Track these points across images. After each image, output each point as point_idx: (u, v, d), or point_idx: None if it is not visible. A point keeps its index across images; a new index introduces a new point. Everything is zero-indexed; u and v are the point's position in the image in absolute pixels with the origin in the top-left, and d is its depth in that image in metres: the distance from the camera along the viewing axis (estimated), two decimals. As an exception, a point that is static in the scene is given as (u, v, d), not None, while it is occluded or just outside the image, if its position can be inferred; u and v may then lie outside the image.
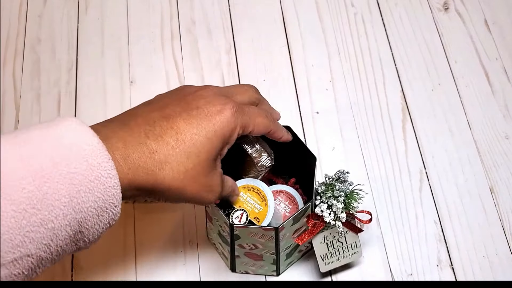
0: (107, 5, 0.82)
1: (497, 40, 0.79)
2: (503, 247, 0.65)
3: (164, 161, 0.42)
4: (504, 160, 0.70)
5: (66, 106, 0.74)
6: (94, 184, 0.37)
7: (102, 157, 0.38)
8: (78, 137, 0.38)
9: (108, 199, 0.38)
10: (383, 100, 0.75)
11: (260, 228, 0.53)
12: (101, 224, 0.39)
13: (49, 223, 0.35)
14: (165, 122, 0.43)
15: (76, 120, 0.39)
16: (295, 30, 0.80)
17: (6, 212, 0.33)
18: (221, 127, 0.44)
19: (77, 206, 0.36)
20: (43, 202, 0.35)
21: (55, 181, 0.35)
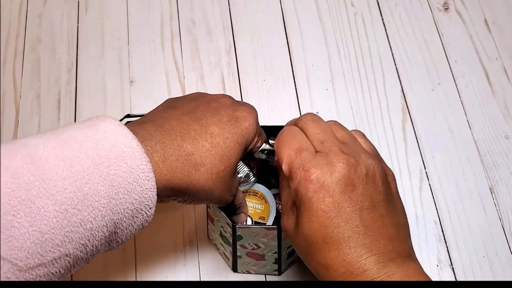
0: (107, 5, 0.82)
1: (497, 40, 0.79)
2: (503, 247, 0.65)
3: (200, 163, 0.43)
4: (504, 160, 0.70)
5: (66, 106, 0.74)
6: (132, 186, 0.38)
7: (141, 159, 0.38)
8: (117, 139, 0.38)
9: (144, 201, 0.39)
10: (383, 100, 0.75)
11: (263, 228, 0.53)
12: (135, 226, 0.40)
13: (88, 224, 0.36)
14: (198, 126, 0.44)
15: (115, 121, 0.39)
16: (295, 30, 0.80)
17: (49, 212, 0.34)
18: (247, 133, 0.46)
19: (115, 208, 0.37)
20: (84, 202, 0.35)
21: (96, 182, 0.36)
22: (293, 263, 0.63)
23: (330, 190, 0.42)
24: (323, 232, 0.42)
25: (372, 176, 0.44)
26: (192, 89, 0.75)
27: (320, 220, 0.42)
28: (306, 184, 0.43)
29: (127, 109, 0.74)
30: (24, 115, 0.74)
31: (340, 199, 0.42)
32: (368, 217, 0.42)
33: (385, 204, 0.44)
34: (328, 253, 0.42)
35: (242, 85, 0.76)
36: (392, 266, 0.41)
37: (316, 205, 0.42)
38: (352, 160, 0.43)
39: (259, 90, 0.76)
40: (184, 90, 0.75)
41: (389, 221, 0.43)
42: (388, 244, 0.42)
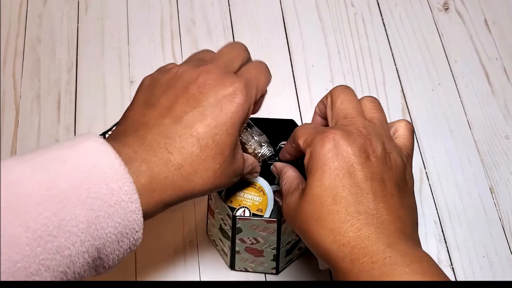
0: (107, 5, 0.82)
1: (497, 40, 0.79)
2: (503, 247, 0.65)
3: (192, 173, 0.40)
4: (504, 160, 0.70)
5: (66, 106, 0.74)
6: (114, 209, 0.35)
7: (123, 180, 0.36)
8: (99, 159, 0.36)
9: (129, 224, 0.36)
10: (383, 100, 0.75)
11: (263, 220, 0.53)
12: (122, 250, 0.37)
13: (65, 250, 0.34)
14: (182, 130, 0.40)
15: (98, 140, 0.37)
16: (295, 30, 0.80)
17: (21, 240, 0.32)
18: (237, 115, 0.42)
19: (95, 232, 0.35)
20: (60, 228, 0.33)
21: (73, 206, 0.34)
22: (290, 262, 0.63)
23: (345, 151, 0.42)
24: (334, 191, 0.41)
25: (388, 158, 0.43)
26: (192, 89, 0.75)
27: (331, 177, 0.41)
28: (323, 142, 0.42)
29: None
30: (24, 115, 0.74)
31: (353, 162, 0.41)
32: (378, 189, 0.41)
33: (396, 187, 0.43)
34: (336, 215, 0.40)
35: (242, 85, 0.76)
36: (403, 245, 0.39)
37: (330, 162, 0.41)
38: (369, 136, 0.43)
39: (259, 90, 0.76)
40: (184, 90, 0.75)
41: (399, 203, 0.42)
42: (396, 223, 0.41)
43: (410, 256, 0.38)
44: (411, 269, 0.37)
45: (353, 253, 0.39)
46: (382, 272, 0.38)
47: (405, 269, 0.37)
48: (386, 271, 0.38)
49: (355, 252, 0.39)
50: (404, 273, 0.37)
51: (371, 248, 0.39)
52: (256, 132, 0.54)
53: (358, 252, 0.39)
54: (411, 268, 0.37)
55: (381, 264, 0.38)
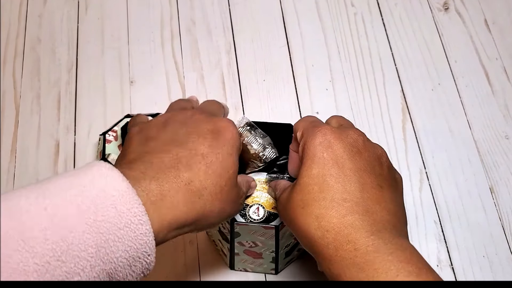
0: (107, 5, 0.82)
1: (497, 40, 0.79)
2: (503, 247, 0.65)
3: (201, 188, 0.41)
4: (504, 160, 0.70)
5: (66, 106, 0.74)
6: (123, 231, 0.35)
7: (132, 202, 0.35)
8: (106, 183, 0.35)
9: (140, 247, 0.36)
10: (383, 100, 0.75)
11: (261, 226, 0.53)
12: (134, 275, 0.37)
13: (75, 276, 0.33)
14: (187, 152, 0.42)
15: (105, 165, 0.37)
16: (295, 30, 0.80)
17: (28, 266, 0.31)
18: (233, 141, 0.45)
19: (105, 257, 0.34)
20: (68, 253, 0.33)
21: (81, 230, 0.33)
22: (290, 262, 0.63)
23: (335, 144, 0.43)
24: (321, 180, 0.42)
25: (379, 156, 0.45)
26: (192, 89, 0.75)
27: (319, 167, 0.42)
28: (315, 135, 0.44)
29: (127, 109, 0.74)
30: (24, 115, 0.74)
31: (343, 154, 0.43)
32: (367, 180, 0.42)
33: (386, 181, 0.43)
34: (322, 202, 0.41)
35: (242, 85, 0.76)
36: (387, 234, 0.39)
37: (319, 153, 0.43)
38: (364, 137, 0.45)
39: (259, 90, 0.76)
40: (184, 90, 0.75)
41: (388, 196, 0.43)
42: (384, 214, 0.41)
43: (393, 244, 0.39)
44: (394, 257, 0.38)
45: (336, 240, 0.39)
46: (365, 260, 0.38)
47: (388, 257, 0.38)
48: (369, 258, 0.38)
49: (339, 238, 0.39)
50: (387, 261, 0.37)
51: (354, 235, 0.39)
52: (259, 134, 0.54)
53: (341, 239, 0.39)
54: (393, 256, 0.38)
55: (363, 251, 0.38)
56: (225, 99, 0.75)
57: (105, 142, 0.67)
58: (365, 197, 0.41)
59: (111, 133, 0.68)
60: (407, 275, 0.37)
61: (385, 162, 0.45)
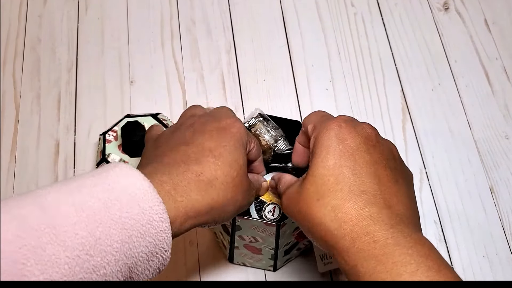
0: (107, 5, 0.82)
1: (497, 40, 0.79)
2: (503, 247, 0.65)
3: (213, 178, 0.42)
4: (504, 160, 0.70)
5: (66, 106, 0.74)
6: (145, 228, 0.36)
7: (154, 200, 0.37)
8: (129, 181, 0.37)
9: (159, 243, 0.37)
10: (383, 100, 0.75)
11: (262, 222, 0.53)
12: (151, 270, 0.38)
13: (101, 269, 0.34)
14: (195, 148, 0.43)
15: (126, 166, 0.39)
16: (295, 30, 0.80)
17: (60, 259, 0.33)
18: (239, 136, 0.45)
19: (128, 252, 0.36)
20: (96, 248, 0.34)
21: (108, 226, 0.35)
22: (289, 261, 0.63)
23: (351, 137, 0.43)
24: (337, 171, 0.41)
25: (392, 150, 0.45)
26: (192, 89, 0.75)
27: (335, 158, 0.42)
28: (330, 127, 0.43)
29: (127, 109, 0.74)
30: (24, 115, 0.74)
31: (359, 146, 0.42)
32: (383, 173, 0.42)
33: (401, 175, 0.43)
34: (339, 193, 0.40)
35: (242, 85, 0.76)
36: (405, 228, 0.39)
37: (335, 144, 0.42)
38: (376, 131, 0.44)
39: (259, 90, 0.76)
40: (184, 90, 0.75)
41: (403, 190, 0.42)
42: (400, 207, 0.41)
43: (413, 238, 0.38)
44: (414, 251, 0.37)
45: (354, 231, 0.39)
46: (384, 252, 0.37)
47: (408, 250, 0.37)
48: (388, 251, 0.37)
49: (357, 230, 0.39)
50: (407, 255, 0.37)
51: (373, 227, 0.38)
52: (272, 126, 0.54)
53: (359, 230, 0.39)
54: (413, 250, 0.37)
55: (383, 243, 0.38)
56: (225, 99, 0.75)
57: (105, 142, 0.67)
58: (382, 190, 0.41)
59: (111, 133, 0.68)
60: (426, 269, 0.36)
61: (397, 157, 0.45)
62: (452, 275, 0.37)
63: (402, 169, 0.45)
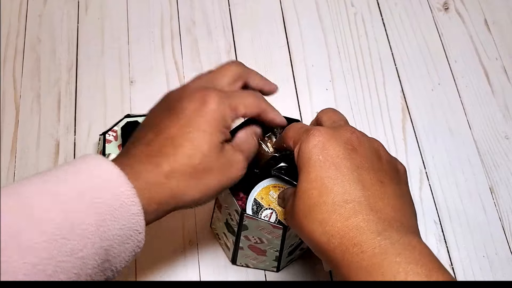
0: (107, 5, 0.82)
1: (497, 40, 0.79)
2: (503, 247, 0.65)
3: (171, 171, 0.42)
4: (504, 160, 0.70)
5: (66, 106, 0.74)
6: (118, 212, 0.38)
7: (125, 186, 0.38)
8: (99, 170, 0.39)
9: (132, 226, 0.39)
10: (383, 100, 0.75)
11: (269, 224, 0.53)
12: (127, 252, 0.40)
13: (78, 252, 0.36)
14: (160, 136, 0.43)
15: (96, 155, 0.40)
16: (295, 30, 0.80)
17: (38, 244, 0.34)
18: (210, 116, 0.44)
19: (103, 235, 0.37)
20: (72, 232, 0.36)
21: (81, 211, 0.36)
22: (291, 261, 0.63)
23: (330, 145, 0.42)
24: (319, 183, 0.41)
25: (376, 150, 0.44)
26: (192, 89, 0.75)
27: (316, 170, 0.41)
28: (308, 139, 0.43)
29: (127, 109, 0.74)
30: (24, 115, 0.74)
31: (338, 153, 0.42)
32: (366, 177, 0.41)
33: (386, 175, 0.42)
34: (324, 206, 0.40)
35: (242, 85, 0.76)
36: (393, 233, 0.38)
37: (314, 156, 0.42)
38: (355, 132, 0.44)
39: (259, 90, 0.76)
40: (184, 90, 0.75)
41: (390, 190, 0.42)
42: (388, 211, 0.40)
43: (401, 244, 0.37)
44: (402, 259, 0.36)
45: (342, 244, 0.39)
46: (372, 263, 0.37)
47: (395, 258, 0.36)
48: (376, 261, 0.37)
49: (344, 242, 0.39)
50: (395, 263, 0.36)
51: (360, 237, 0.38)
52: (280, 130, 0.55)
53: (347, 242, 0.38)
54: (402, 257, 0.36)
55: (370, 254, 0.37)
56: (225, 99, 0.75)
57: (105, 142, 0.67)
58: (367, 195, 0.40)
59: (111, 133, 0.68)
60: (415, 277, 0.36)
61: (383, 155, 0.44)
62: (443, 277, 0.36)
63: (389, 167, 0.44)
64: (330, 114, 0.48)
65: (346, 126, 0.45)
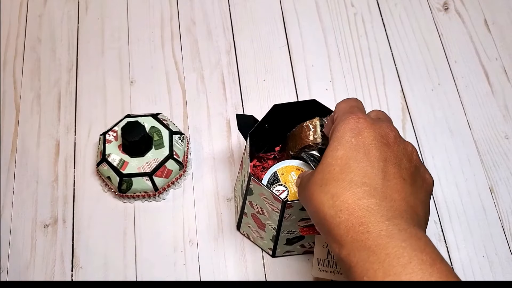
0: (107, 5, 0.82)
1: (497, 40, 0.79)
2: (503, 247, 0.65)
3: None
4: (504, 160, 0.70)
5: (66, 106, 0.74)
6: None
7: None
8: None
9: None
10: (383, 100, 0.75)
11: (271, 194, 0.53)
12: None
13: None
14: None
15: None
16: (295, 30, 0.80)
17: None
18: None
19: None
20: None
21: None
22: (290, 253, 0.63)
23: (366, 133, 0.43)
24: (344, 162, 0.42)
25: (409, 153, 0.44)
26: (192, 89, 0.75)
27: (345, 149, 0.42)
28: (348, 120, 0.44)
29: (127, 109, 0.74)
30: (24, 115, 0.74)
31: (371, 142, 0.42)
32: (391, 170, 0.42)
33: (411, 176, 0.43)
34: (340, 182, 0.41)
35: (242, 85, 0.76)
36: (402, 222, 0.39)
37: (347, 137, 0.43)
38: (397, 133, 0.45)
39: (259, 90, 0.76)
40: (184, 90, 0.75)
41: (410, 189, 0.42)
42: (402, 204, 0.41)
43: (408, 232, 0.38)
44: (408, 245, 0.37)
45: (349, 221, 0.39)
46: (377, 243, 0.37)
47: (401, 243, 0.37)
48: (381, 242, 0.37)
49: (352, 219, 0.39)
50: (400, 247, 0.37)
51: (368, 218, 0.39)
52: None
53: (354, 220, 0.39)
54: (407, 243, 0.37)
55: (376, 235, 0.38)
56: (225, 99, 0.75)
57: (105, 142, 0.67)
58: (385, 185, 0.41)
59: (111, 133, 0.68)
60: (420, 263, 0.36)
61: (414, 160, 0.45)
62: (446, 268, 0.37)
63: (416, 171, 0.44)
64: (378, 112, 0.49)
65: (388, 124, 0.45)
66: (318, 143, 0.54)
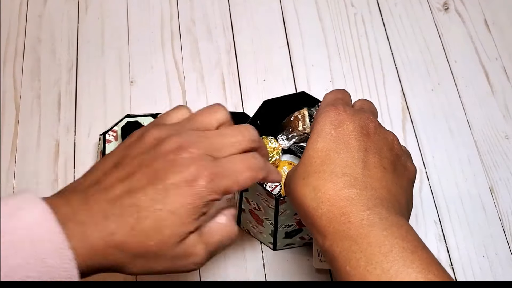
0: (107, 5, 0.82)
1: (497, 40, 0.79)
2: (503, 247, 0.65)
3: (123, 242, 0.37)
4: (504, 160, 0.70)
5: (66, 106, 0.74)
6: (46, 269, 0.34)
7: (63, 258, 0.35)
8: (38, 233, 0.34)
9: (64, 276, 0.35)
10: (383, 100, 0.75)
11: (264, 191, 0.54)
12: None
13: None
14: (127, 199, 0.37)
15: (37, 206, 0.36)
16: (295, 30, 0.80)
17: None
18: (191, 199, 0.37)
19: None
20: None
21: None
22: (290, 246, 0.64)
23: (345, 124, 0.44)
24: (324, 153, 0.42)
25: (389, 142, 0.45)
26: (192, 89, 0.75)
27: (324, 141, 0.43)
28: (329, 112, 0.44)
29: (127, 109, 0.74)
30: (24, 115, 0.74)
31: (351, 134, 0.43)
32: (371, 160, 0.42)
33: (392, 164, 0.44)
34: (322, 174, 0.41)
35: (242, 85, 0.76)
36: (383, 210, 0.39)
37: (327, 129, 0.43)
38: (377, 123, 0.45)
39: (259, 90, 0.76)
40: (184, 90, 0.75)
41: (391, 178, 0.43)
42: (383, 192, 0.41)
43: (389, 221, 0.38)
44: (389, 233, 0.37)
45: (330, 212, 0.40)
46: (358, 233, 0.38)
47: (382, 232, 0.37)
48: (363, 232, 0.38)
49: (333, 210, 0.39)
50: (382, 236, 0.37)
51: (349, 208, 0.39)
52: None
53: (336, 211, 0.39)
54: (389, 232, 0.38)
55: (358, 224, 0.38)
56: (225, 99, 0.75)
57: (105, 142, 0.67)
58: (366, 175, 0.41)
59: (111, 133, 0.68)
60: (401, 250, 0.37)
61: (396, 149, 0.45)
62: (427, 256, 0.37)
63: (397, 160, 0.45)
64: (363, 102, 0.50)
65: (368, 114, 0.46)
66: (308, 133, 0.55)
